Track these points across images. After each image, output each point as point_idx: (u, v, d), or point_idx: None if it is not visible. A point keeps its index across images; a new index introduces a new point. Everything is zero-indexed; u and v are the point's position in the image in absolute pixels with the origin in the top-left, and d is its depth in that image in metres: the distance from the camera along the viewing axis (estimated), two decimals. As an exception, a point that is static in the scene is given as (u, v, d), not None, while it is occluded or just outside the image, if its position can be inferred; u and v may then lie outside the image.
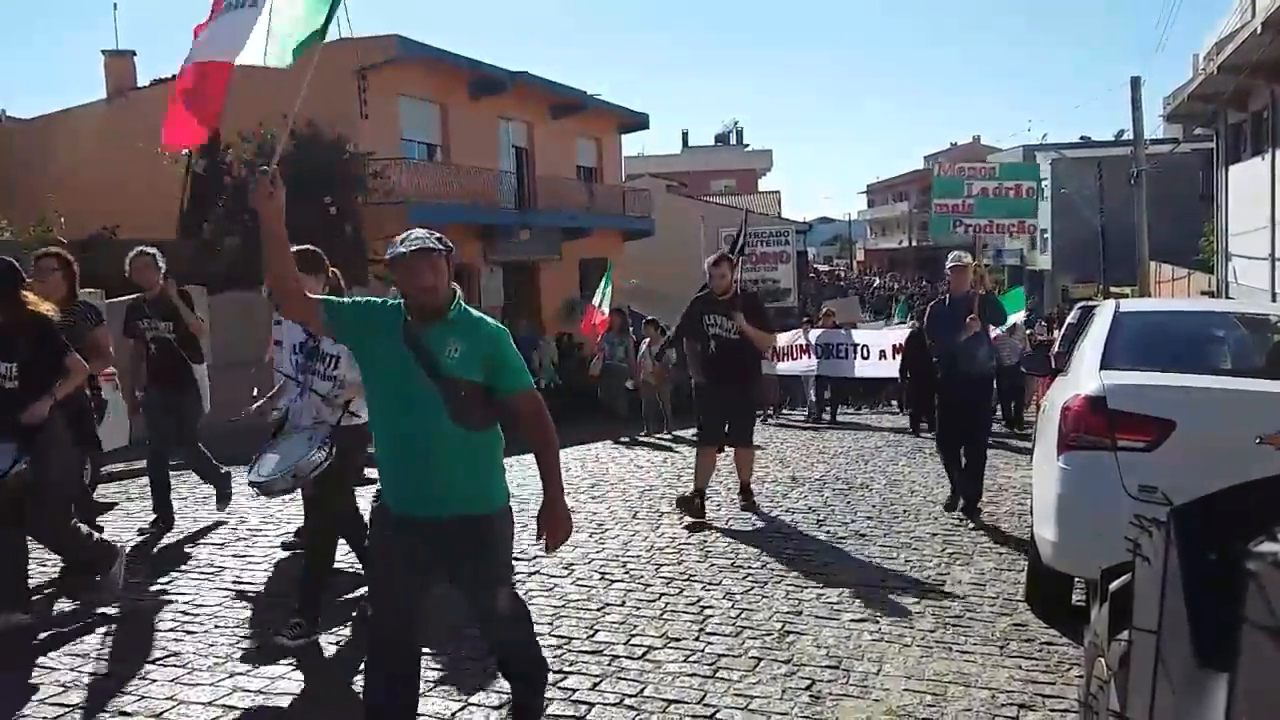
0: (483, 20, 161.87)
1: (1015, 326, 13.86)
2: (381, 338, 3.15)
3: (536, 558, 6.01)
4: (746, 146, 67.19)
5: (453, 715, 3.75)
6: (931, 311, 7.95)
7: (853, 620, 4.84)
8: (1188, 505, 2.27)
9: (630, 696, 3.90)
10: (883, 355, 14.37)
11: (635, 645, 4.47)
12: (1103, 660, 2.66)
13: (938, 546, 6.35)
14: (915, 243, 65.47)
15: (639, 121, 30.21)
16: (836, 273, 66.68)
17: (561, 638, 4.57)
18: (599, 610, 4.99)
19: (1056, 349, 9.54)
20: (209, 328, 7.12)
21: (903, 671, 4.17)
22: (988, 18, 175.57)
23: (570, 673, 4.14)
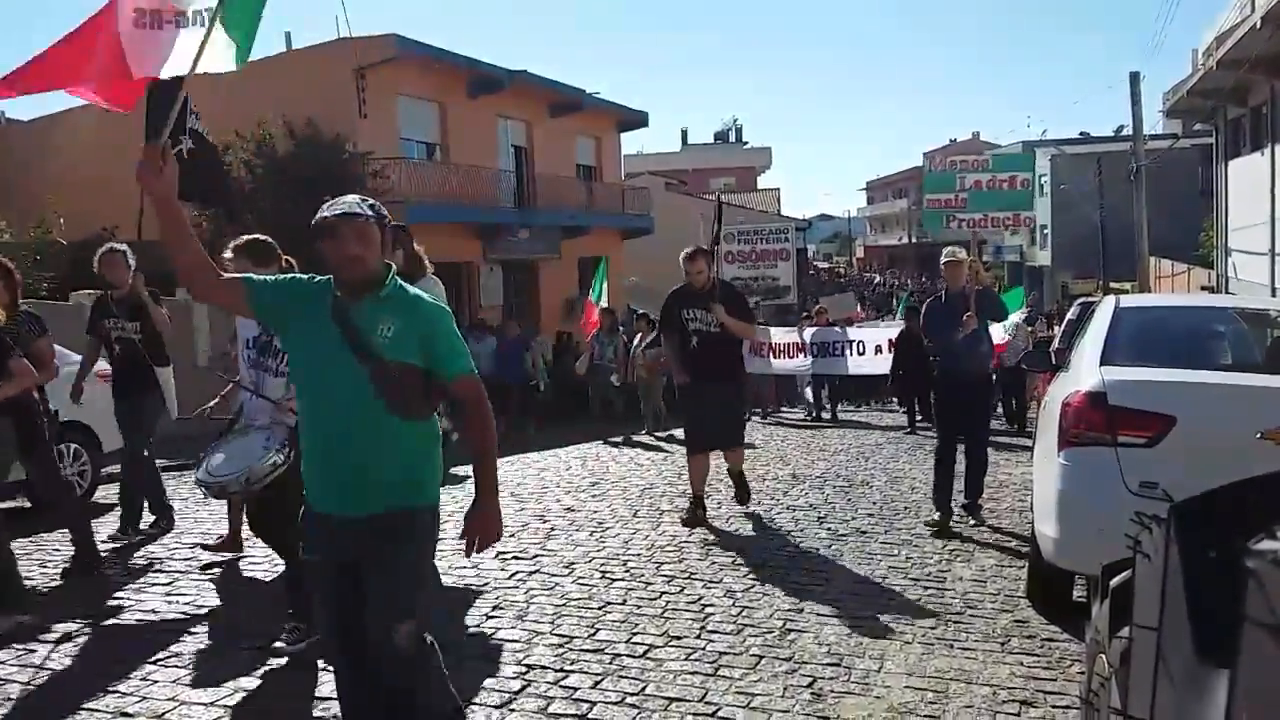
0: (481, 19, 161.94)
1: (1018, 326, 13.84)
2: (307, 317, 2.88)
3: (537, 557, 6.02)
4: (746, 144, 67.26)
5: (455, 714, 3.75)
6: (928, 309, 7.71)
7: (854, 617, 4.84)
8: (1188, 502, 2.27)
9: (632, 695, 3.91)
10: (879, 350, 14.39)
11: (636, 643, 4.47)
12: (1104, 657, 2.67)
13: (939, 543, 6.35)
14: (915, 239, 65.49)
15: (638, 120, 30.22)
16: (836, 270, 66.72)
17: (563, 636, 4.57)
18: (600, 608, 4.99)
19: (1056, 345, 9.54)
20: (207, 328, 7.07)
21: (904, 668, 4.17)
22: (987, 14, 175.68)
23: (572, 671, 4.15)
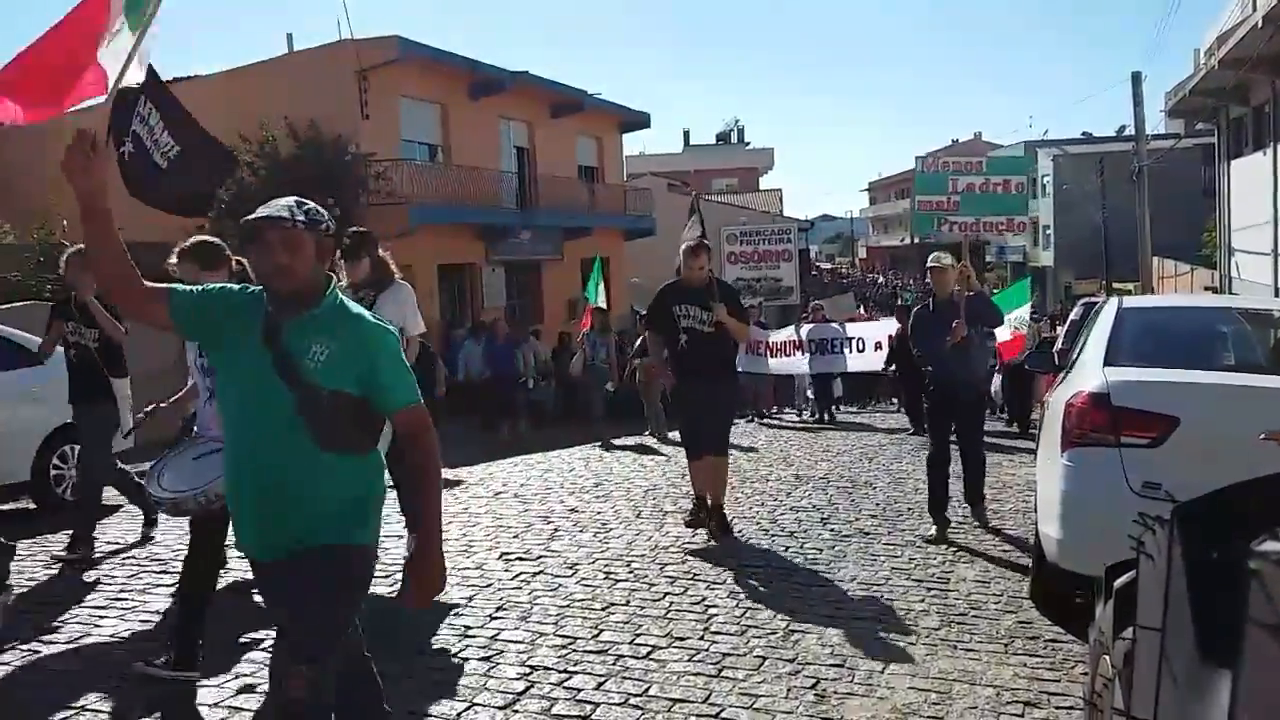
0: (482, 20, 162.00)
1: (1029, 323, 13.58)
2: (236, 333, 2.57)
3: (540, 558, 6.02)
4: (748, 145, 67.27)
5: (457, 716, 3.75)
6: (915, 318, 7.25)
7: (857, 618, 4.84)
8: (1191, 503, 2.27)
9: (635, 696, 3.91)
10: (878, 346, 14.13)
11: (640, 644, 4.48)
12: (1107, 658, 2.67)
13: (942, 545, 6.35)
14: (917, 240, 65.47)
15: (640, 120, 30.21)
16: (839, 270, 66.69)
17: (566, 637, 4.57)
18: (604, 610, 5.00)
19: (1060, 346, 9.54)
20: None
21: (908, 670, 4.17)
22: (989, 14, 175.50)
23: (575, 672, 4.15)
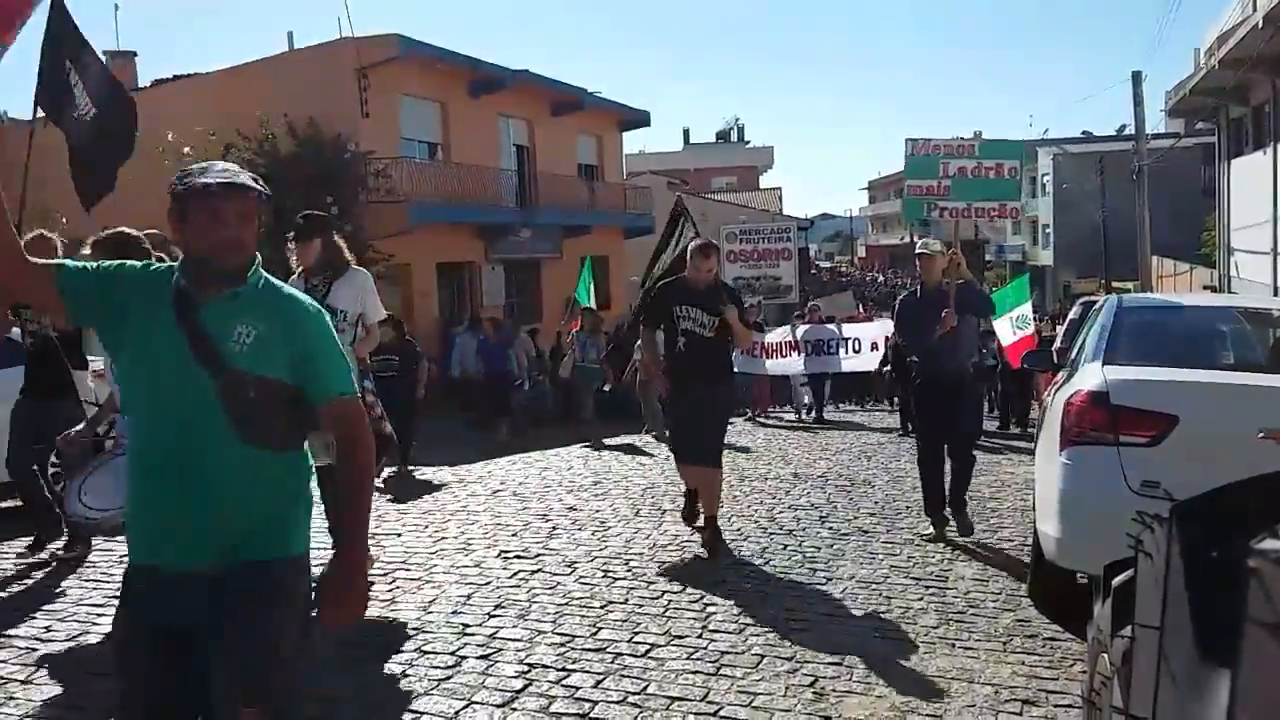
0: (483, 19, 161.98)
1: (1030, 320, 13.39)
2: (142, 315, 2.23)
3: (539, 556, 6.02)
4: (748, 143, 67.27)
5: (455, 714, 3.75)
6: (900, 306, 6.90)
7: (856, 617, 4.84)
8: (1189, 502, 2.27)
9: (633, 694, 3.91)
10: (874, 347, 14.06)
11: (638, 643, 4.47)
12: (1106, 656, 2.67)
13: (940, 543, 6.34)
14: (916, 238, 65.47)
15: (640, 119, 30.22)
16: (839, 269, 66.67)
17: (565, 635, 4.57)
18: (602, 608, 4.99)
19: (1059, 345, 9.54)
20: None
21: (906, 668, 4.17)
22: (989, 13, 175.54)
23: (574, 670, 4.15)
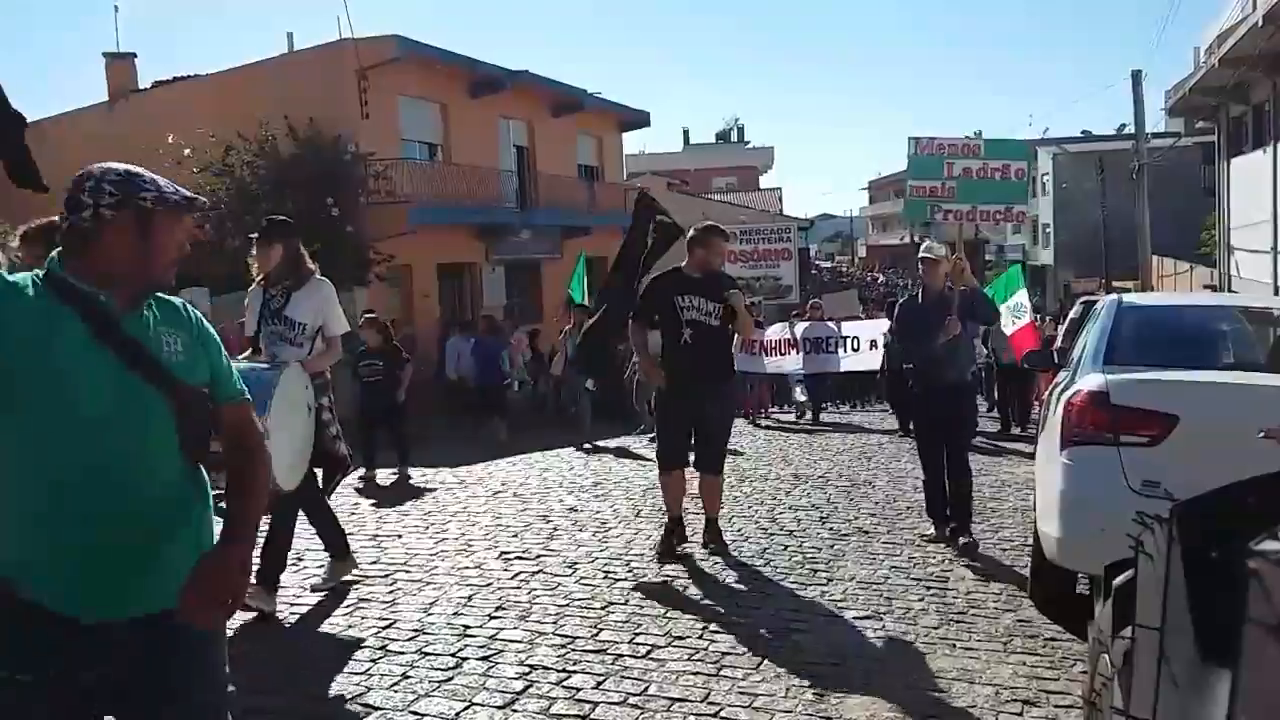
0: (482, 20, 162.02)
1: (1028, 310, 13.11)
2: (32, 332, 1.96)
3: (540, 557, 6.02)
4: (748, 144, 67.26)
5: (456, 716, 3.75)
6: (901, 311, 6.71)
7: (856, 617, 4.84)
8: (1190, 502, 2.27)
9: (634, 695, 3.91)
10: (873, 345, 13.80)
11: (639, 644, 4.47)
12: (1106, 657, 2.67)
13: (941, 543, 6.34)
14: (916, 239, 65.52)
15: (640, 119, 30.18)
16: (839, 269, 66.66)
17: (565, 637, 4.57)
18: (603, 609, 4.99)
19: (1059, 344, 9.53)
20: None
21: (906, 668, 4.17)
22: (988, 12, 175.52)
23: (574, 671, 4.15)
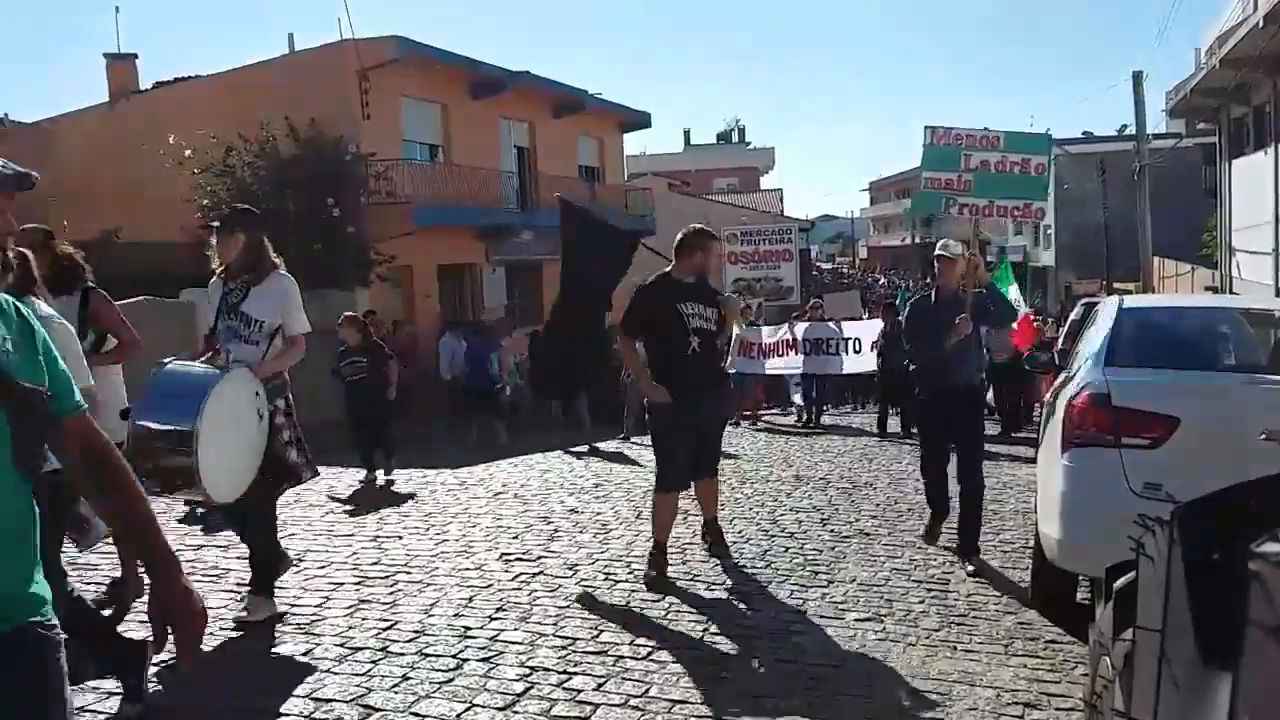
0: (483, 20, 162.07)
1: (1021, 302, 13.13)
2: None
3: (540, 558, 6.01)
4: (748, 145, 67.29)
5: (457, 717, 3.75)
6: (912, 309, 6.59)
7: (857, 620, 4.84)
8: (1191, 504, 2.26)
9: (635, 697, 3.90)
10: (874, 346, 13.70)
11: (640, 645, 4.47)
12: (1107, 659, 2.66)
13: (942, 545, 6.34)
14: (918, 240, 65.50)
15: (641, 120, 30.21)
16: (840, 270, 66.66)
17: (566, 638, 4.57)
18: (604, 611, 4.99)
19: (1060, 345, 9.52)
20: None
21: (907, 671, 4.16)
22: (989, 13, 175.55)
23: (575, 673, 4.14)
